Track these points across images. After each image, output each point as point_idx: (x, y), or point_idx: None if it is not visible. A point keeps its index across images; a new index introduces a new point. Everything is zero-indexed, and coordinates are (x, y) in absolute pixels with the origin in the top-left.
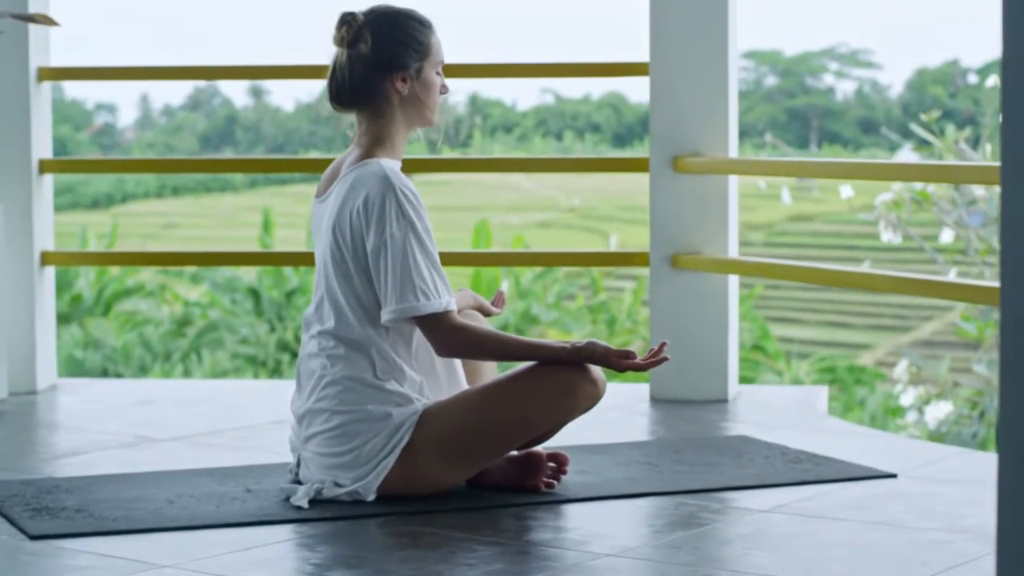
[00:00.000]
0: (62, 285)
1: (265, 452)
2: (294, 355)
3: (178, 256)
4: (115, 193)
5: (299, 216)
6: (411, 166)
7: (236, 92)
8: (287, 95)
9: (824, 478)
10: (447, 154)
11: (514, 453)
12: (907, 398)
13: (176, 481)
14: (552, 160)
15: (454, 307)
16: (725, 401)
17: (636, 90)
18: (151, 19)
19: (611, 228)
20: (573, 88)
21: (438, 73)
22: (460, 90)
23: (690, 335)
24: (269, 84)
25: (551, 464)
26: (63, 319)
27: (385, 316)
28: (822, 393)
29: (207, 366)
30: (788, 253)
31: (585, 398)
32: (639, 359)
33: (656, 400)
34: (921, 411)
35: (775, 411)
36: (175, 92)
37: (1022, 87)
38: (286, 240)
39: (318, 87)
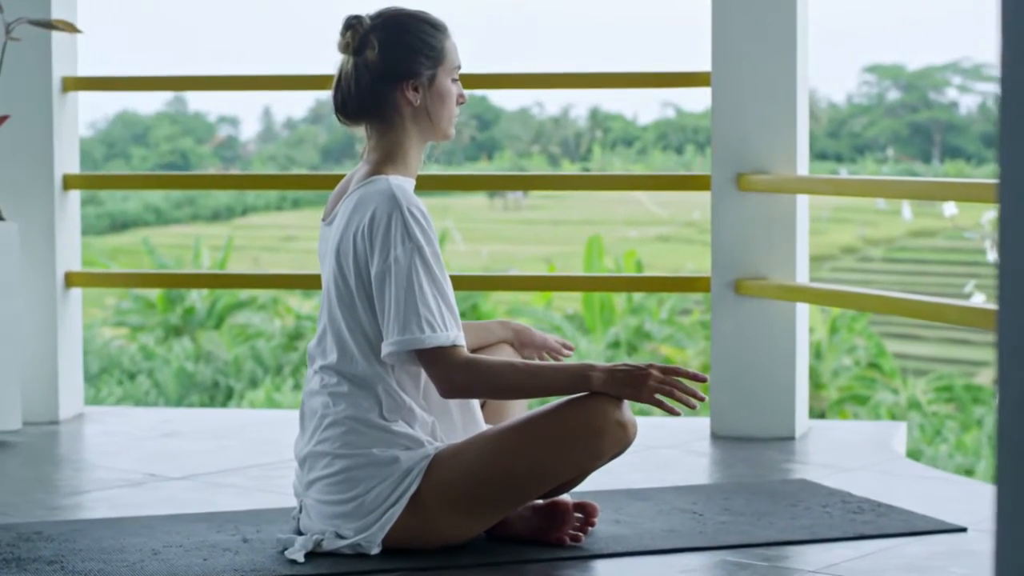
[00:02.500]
0: (175, 298)
1: (279, 495)
2: None
3: (208, 278)
4: (236, 205)
5: None
6: (426, 183)
7: None
8: None
9: (884, 532)
10: (566, 169)
11: (539, 501)
12: None
13: (170, 528)
14: (609, 177)
15: (463, 342)
16: (792, 439)
17: None
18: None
19: None
20: (695, 102)
21: (454, 80)
22: (551, 102)
23: (754, 367)
24: None
25: (578, 515)
26: (175, 331)
27: (385, 349)
28: (900, 430)
29: None
30: (907, 268)
31: (612, 444)
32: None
33: (717, 437)
34: None
35: (846, 450)
36: (297, 105)
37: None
38: None
39: None
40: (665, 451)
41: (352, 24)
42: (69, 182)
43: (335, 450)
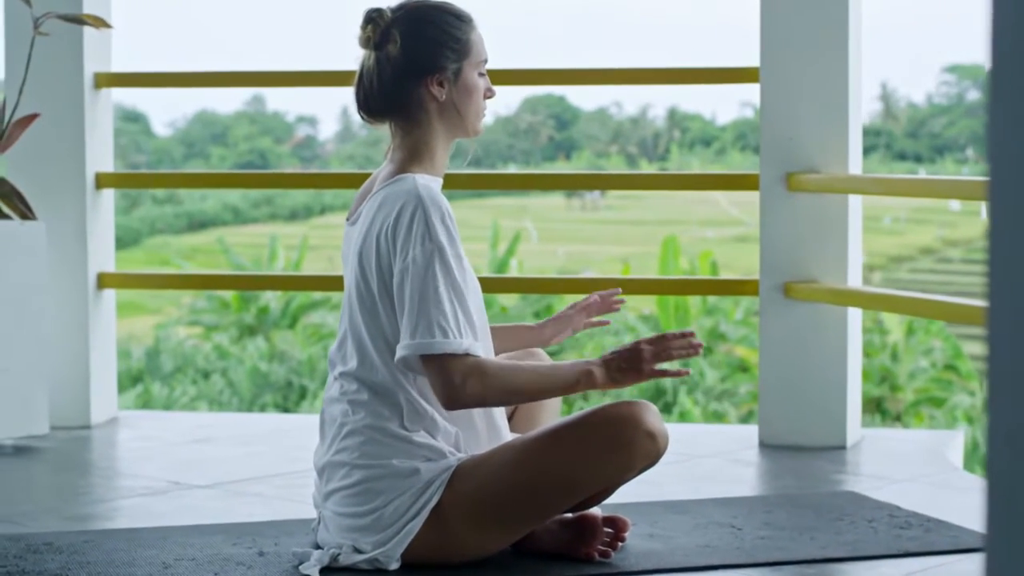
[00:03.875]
0: (249, 297)
1: (303, 504)
2: None
3: (245, 280)
4: (313, 205)
5: (486, 229)
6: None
7: None
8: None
9: (930, 549)
10: (644, 169)
11: (568, 514)
12: None
13: (185, 539)
14: (655, 176)
15: (478, 352)
16: (843, 448)
17: None
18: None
19: None
20: None
21: (481, 75)
22: (629, 102)
23: (804, 373)
24: None
25: (608, 529)
26: (249, 331)
27: (398, 354)
28: (957, 439)
29: None
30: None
31: (642, 456)
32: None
33: (765, 446)
34: None
35: (898, 461)
36: None
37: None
38: (470, 253)
39: (516, 100)
40: (709, 460)
41: (373, 17)
42: (102, 181)
43: (353, 460)
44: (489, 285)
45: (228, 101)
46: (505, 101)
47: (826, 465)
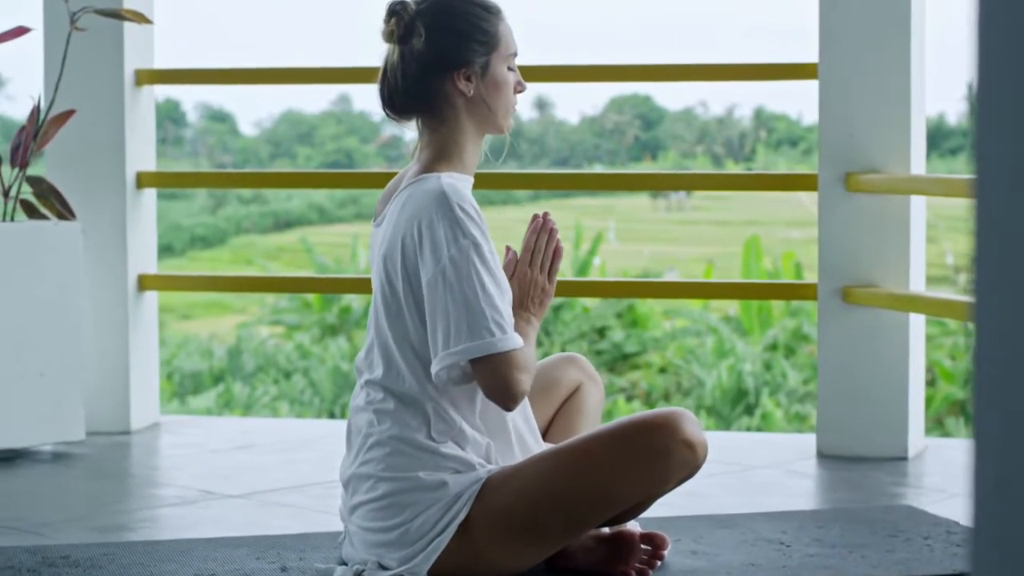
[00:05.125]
0: (331, 297)
1: (335, 516)
2: None
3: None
4: None
5: (570, 229)
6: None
7: (521, 105)
8: (572, 108)
9: None
10: (730, 169)
11: (604, 530)
12: None
13: (208, 553)
14: (709, 176)
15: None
16: (904, 459)
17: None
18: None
19: None
20: None
21: (511, 69)
22: (715, 102)
23: (864, 380)
24: (555, 97)
25: (645, 547)
26: (331, 331)
27: (445, 360)
28: None
29: None
30: None
31: (679, 466)
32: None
33: (823, 456)
34: None
35: (962, 472)
36: None
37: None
38: None
39: (602, 100)
40: (765, 471)
41: (396, 10)
42: (143, 180)
43: (379, 472)
44: (571, 289)
45: (314, 101)
46: (592, 101)
47: (885, 477)
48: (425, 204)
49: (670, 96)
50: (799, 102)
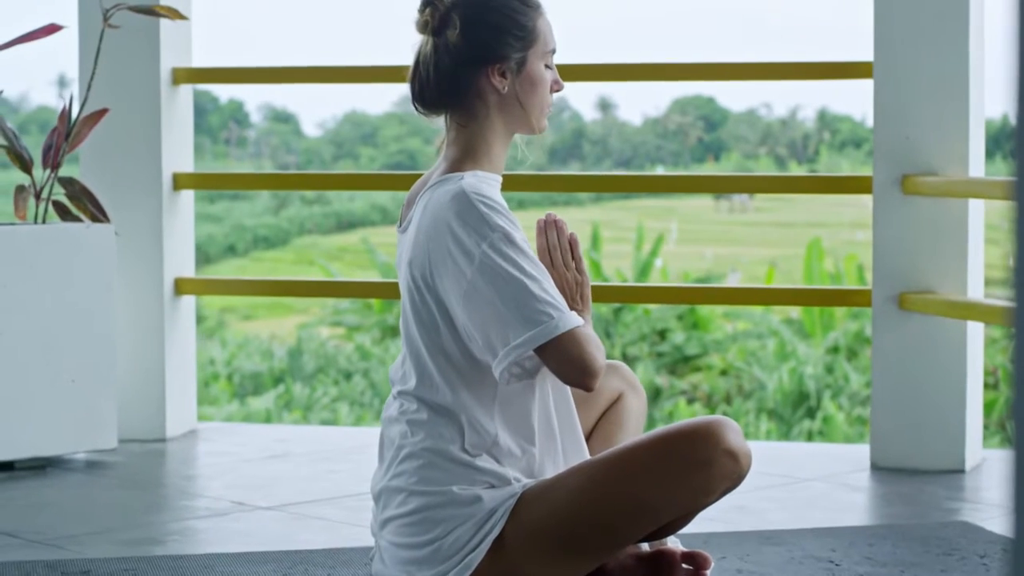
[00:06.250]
0: (387, 302)
1: (368, 530)
2: None
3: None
4: None
5: (632, 231)
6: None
7: (585, 106)
8: (635, 109)
9: None
10: (793, 171)
11: (644, 547)
12: None
13: (233, 568)
14: (763, 178)
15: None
16: (961, 472)
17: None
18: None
19: None
20: None
21: (548, 66)
22: (779, 104)
23: (920, 390)
24: (618, 98)
25: (687, 566)
26: (392, 332)
27: (510, 355)
28: None
29: None
30: None
31: (722, 476)
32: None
33: (877, 468)
34: None
35: None
36: None
37: None
38: (614, 254)
39: (665, 101)
40: (816, 484)
41: (432, 1)
42: (180, 181)
43: (411, 486)
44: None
45: (377, 102)
46: (655, 103)
47: (941, 491)
48: (444, 206)
49: (733, 97)
50: (863, 103)
